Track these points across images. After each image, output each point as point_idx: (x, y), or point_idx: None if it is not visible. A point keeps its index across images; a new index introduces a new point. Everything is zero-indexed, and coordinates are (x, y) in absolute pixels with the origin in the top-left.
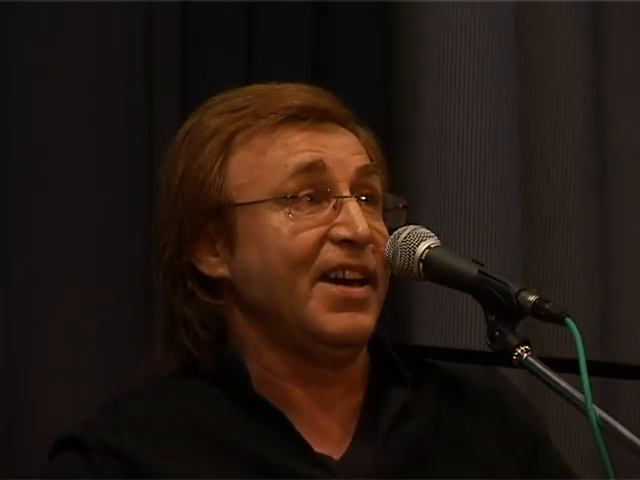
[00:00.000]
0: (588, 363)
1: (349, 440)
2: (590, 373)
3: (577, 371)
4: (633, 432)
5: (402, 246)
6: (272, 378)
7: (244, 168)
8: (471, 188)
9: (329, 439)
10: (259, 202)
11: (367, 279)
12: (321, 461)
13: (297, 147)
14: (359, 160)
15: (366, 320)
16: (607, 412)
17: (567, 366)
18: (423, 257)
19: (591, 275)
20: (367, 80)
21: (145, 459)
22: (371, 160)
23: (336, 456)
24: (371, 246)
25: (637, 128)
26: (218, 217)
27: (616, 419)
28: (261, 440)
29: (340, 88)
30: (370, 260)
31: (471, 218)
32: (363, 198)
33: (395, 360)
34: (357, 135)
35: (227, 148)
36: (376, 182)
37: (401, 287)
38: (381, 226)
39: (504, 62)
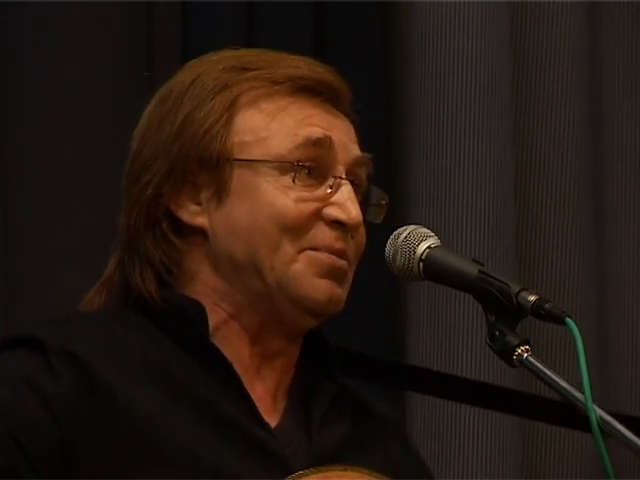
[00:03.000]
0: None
1: (280, 412)
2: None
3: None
4: (633, 432)
5: (402, 246)
6: (226, 331)
7: (250, 127)
8: (466, 189)
9: (262, 405)
10: (262, 161)
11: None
12: (263, 423)
13: (307, 120)
14: (357, 149)
15: (342, 295)
16: (607, 412)
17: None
18: (423, 257)
19: (588, 275)
20: (366, 80)
21: (103, 374)
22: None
23: (272, 424)
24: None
25: (633, 129)
26: (213, 168)
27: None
28: (210, 388)
29: None
30: (351, 247)
31: (466, 219)
32: (353, 184)
33: (332, 354)
34: (351, 123)
35: (235, 104)
36: (364, 174)
37: (396, 289)
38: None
39: (500, 62)
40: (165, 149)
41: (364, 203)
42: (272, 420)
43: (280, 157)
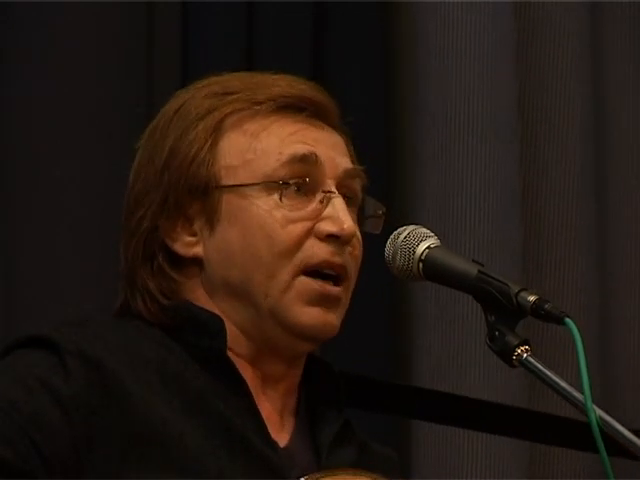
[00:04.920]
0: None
1: (289, 435)
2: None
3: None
4: (633, 432)
5: (402, 246)
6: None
7: (235, 150)
8: (471, 188)
9: (271, 425)
10: (249, 185)
11: (342, 279)
12: (272, 442)
13: (292, 138)
14: (347, 162)
15: (335, 320)
16: (607, 412)
17: None
18: (423, 257)
19: (589, 274)
20: (367, 80)
21: (117, 376)
22: (353, 164)
23: (281, 444)
24: (348, 249)
25: (635, 127)
26: (202, 197)
27: (616, 419)
28: (222, 401)
29: (340, 88)
30: (349, 261)
31: (471, 216)
32: (347, 196)
33: (339, 385)
34: (341, 137)
35: (219, 128)
36: (358, 186)
37: (404, 289)
38: (357, 230)
39: (503, 62)
40: (156, 182)
41: (360, 215)
42: (281, 440)
43: (266, 177)
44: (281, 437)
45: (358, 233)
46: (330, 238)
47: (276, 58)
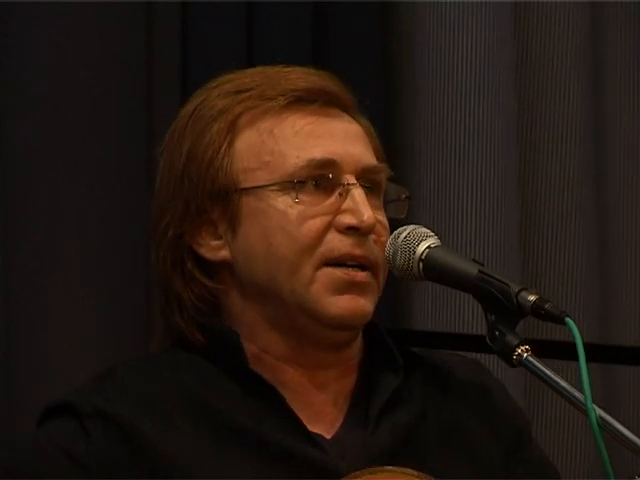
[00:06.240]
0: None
1: (340, 420)
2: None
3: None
4: (633, 432)
5: (402, 246)
6: (265, 358)
7: (252, 151)
8: (470, 187)
9: (321, 418)
10: (266, 186)
11: (368, 267)
12: (314, 439)
13: (309, 141)
14: (368, 158)
15: (366, 305)
16: (607, 412)
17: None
18: (423, 257)
19: (590, 272)
20: (367, 79)
21: (138, 427)
22: (377, 158)
23: (328, 435)
24: (373, 236)
25: (635, 126)
26: (223, 200)
27: (616, 419)
28: (254, 415)
29: None
30: (372, 250)
31: (470, 217)
32: (367, 186)
33: (390, 347)
34: (359, 123)
35: (234, 129)
36: (380, 178)
37: (402, 287)
38: (382, 217)
39: (503, 61)
40: (177, 188)
41: (383, 202)
42: (331, 429)
43: (283, 178)
44: (332, 425)
45: (384, 219)
46: (350, 230)
47: (276, 58)
